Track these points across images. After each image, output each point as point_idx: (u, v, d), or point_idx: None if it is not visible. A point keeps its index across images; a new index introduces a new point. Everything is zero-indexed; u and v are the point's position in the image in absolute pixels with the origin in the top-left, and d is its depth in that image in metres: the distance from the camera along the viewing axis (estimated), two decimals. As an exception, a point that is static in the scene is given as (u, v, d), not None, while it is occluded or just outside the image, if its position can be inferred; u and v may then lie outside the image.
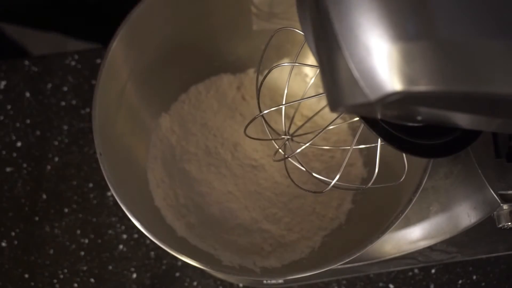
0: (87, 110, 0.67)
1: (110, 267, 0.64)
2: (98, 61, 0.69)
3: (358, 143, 0.57)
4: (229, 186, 0.58)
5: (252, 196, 0.58)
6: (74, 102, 0.68)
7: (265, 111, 0.42)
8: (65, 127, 0.67)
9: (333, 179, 0.40)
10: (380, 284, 0.63)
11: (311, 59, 0.57)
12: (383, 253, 0.56)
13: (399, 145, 0.33)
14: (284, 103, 0.43)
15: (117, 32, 0.49)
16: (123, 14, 0.50)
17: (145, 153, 0.59)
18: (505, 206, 0.47)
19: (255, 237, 0.56)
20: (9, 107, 0.68)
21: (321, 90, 0.61)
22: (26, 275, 0.63)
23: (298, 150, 0.41)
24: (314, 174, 0.41)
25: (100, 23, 0.73)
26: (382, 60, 0.23)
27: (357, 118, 0.37)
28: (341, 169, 0.39)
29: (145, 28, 0.52)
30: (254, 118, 0.43)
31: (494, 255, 0.62)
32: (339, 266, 0.46)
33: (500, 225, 0.48)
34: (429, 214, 0.52)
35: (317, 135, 0.40)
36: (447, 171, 0.51)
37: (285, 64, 0.47)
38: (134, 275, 0.63)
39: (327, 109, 0.28)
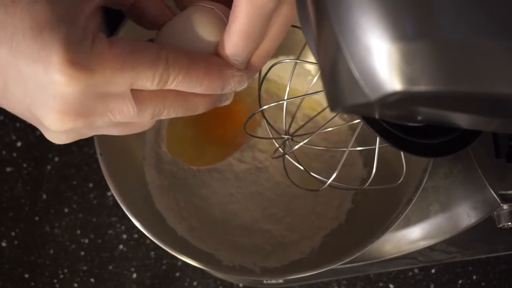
0: (87, 110, 0.67)
1: (110, 267, 0.64)
2: (98, 61, 0.68)
3: (359, 144, 0.57)
4: (231, 189, 0.58)
5: (253, 196, 0.58)
6: (74, 102, 0.68)
7: (265, 107, 0.42)
8: (65, 127, 0.67)
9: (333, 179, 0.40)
10: (380, 284, 0.63)
11: (312, 58, 0.57)
12: (383, 253, 0.56)
13: (398, 143, 0.33)
14: (285, 99, 0.43)
15: (117, 32, 0.49)
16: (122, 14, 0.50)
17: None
18: (505, 206, 0.47)
19: (256, 237, 0.56)
20: (9, 107, 0.68)
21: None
22: (26, 275, 0.63)
23: (296, 147, 0.41)
24: (311, 173, 0.41)
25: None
26: (382, 60, 0.23)
27: (358, 120, 0.37)
28: (338, 169, 0.39)
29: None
30: (254, 114, 0.43)
31: (494, 255, 0.62)
32: (339, 266, 0.46)
33: (500, 225, 0.48)
34: (429, 214, 0.52)
35: (313, 134, 0.40)
36: (447, 171, 0.51)
37: (287, 61, 0.47)
38: (134, 275, 0.63)
39: (328, 110, 0.28)
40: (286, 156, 0.43)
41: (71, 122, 0.32)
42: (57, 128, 0.33)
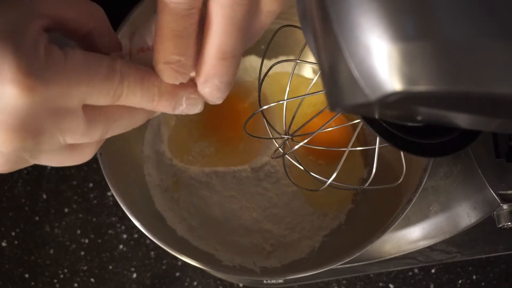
0: (87, 110, 0.67)
1: (110, 267, 0.64)
2: (98, 61, 0.68)
3: (361, 145, 0.57)
4: (231, 189, 0.58)
5: (253, 196, 0.58)
6: (74, 102, 0.68)
7: (265, 107, 0.42)
8: (65, 127, 0.67)
9: (334, 179, 0.40)
10: (380, 284, 0.63)
11: (312, 58, 0.57)
12: (383, 253, 0.56)
13: (398, 143, 0.33)
14: (285, 99, 0.43)
15: (117, 32, 0.49)
16: (123, 14, 0.50)
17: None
18: (505, 206, 0.47)
19: (256, 237, 0.56)
20: (9, 107, 0.68)
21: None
22: (26, 275, 0.63)
23: (296, 147, 0.41)
24: (311, 173, 0.41)
25: None
26: (382, 60, 0.23)
27: (358, 120, 0.37)
28: (338, 169, 0.39)
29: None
30: (254, 114, 0.43)
31: (494, 255, 0.62)
32: (339, 266, 0.46)
33: (500, 225, 0.48)
34: (429, 214, 0.52)
35: (313, 134, 0.40)
36: (447, 171, 0.51)
37: (287, 60, 0.46)
38: (134, 275, 0.63)
39: (328, 109, 0.28)
40: (286, 156, 0.43)
41: (19, 140, 0.29)
42: (2, 147, 0.29)
